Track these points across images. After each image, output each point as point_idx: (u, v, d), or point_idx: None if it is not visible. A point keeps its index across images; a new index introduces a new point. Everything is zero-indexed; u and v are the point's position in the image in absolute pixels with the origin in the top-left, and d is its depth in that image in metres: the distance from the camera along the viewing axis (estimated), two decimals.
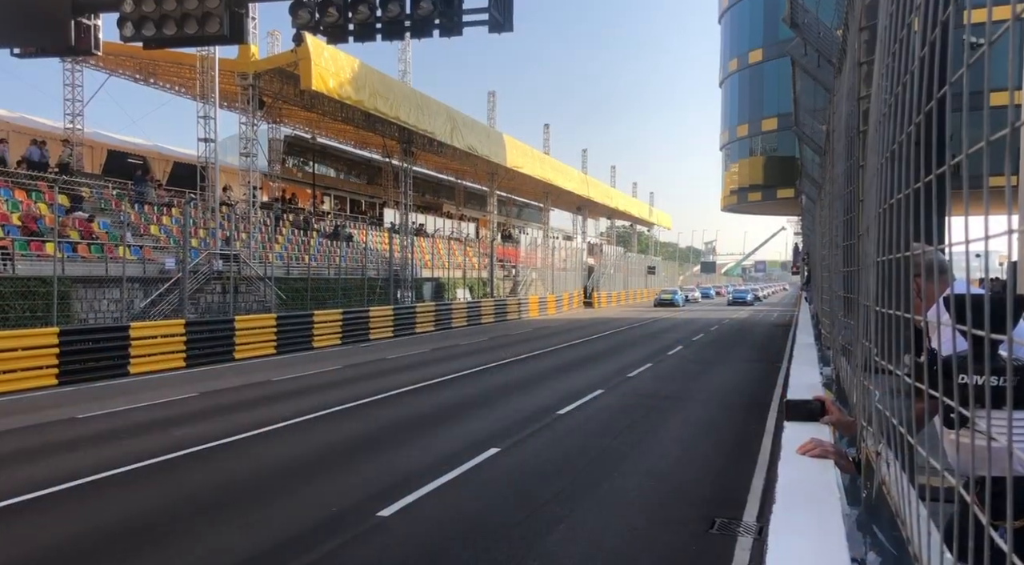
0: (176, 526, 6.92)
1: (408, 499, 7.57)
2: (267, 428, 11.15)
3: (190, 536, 6.65)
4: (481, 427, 11.44)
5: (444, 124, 33.21)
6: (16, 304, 16.81)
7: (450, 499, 7.81)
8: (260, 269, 25.71)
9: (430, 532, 6.81)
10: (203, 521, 7.04)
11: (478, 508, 7.57)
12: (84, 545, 6.45)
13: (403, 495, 7.66)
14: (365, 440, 10.63)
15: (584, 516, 7.35)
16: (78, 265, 20.06)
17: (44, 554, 6.27)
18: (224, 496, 7.88)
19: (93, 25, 10.99)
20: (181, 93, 31.37)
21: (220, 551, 6.28)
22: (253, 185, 27.13)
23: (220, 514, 7.26)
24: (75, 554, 6.25)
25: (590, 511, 7.53)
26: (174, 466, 9.09)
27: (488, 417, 12.32)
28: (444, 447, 10.12)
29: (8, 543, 6.51)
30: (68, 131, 27.46)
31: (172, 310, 20.78)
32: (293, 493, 7.94)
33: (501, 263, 45.73)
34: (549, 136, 53.48)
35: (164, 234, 25.27)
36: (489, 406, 13.33)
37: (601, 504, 7.77)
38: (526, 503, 7.73)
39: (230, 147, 30.82)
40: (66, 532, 6.79)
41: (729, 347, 25.46)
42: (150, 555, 6.22)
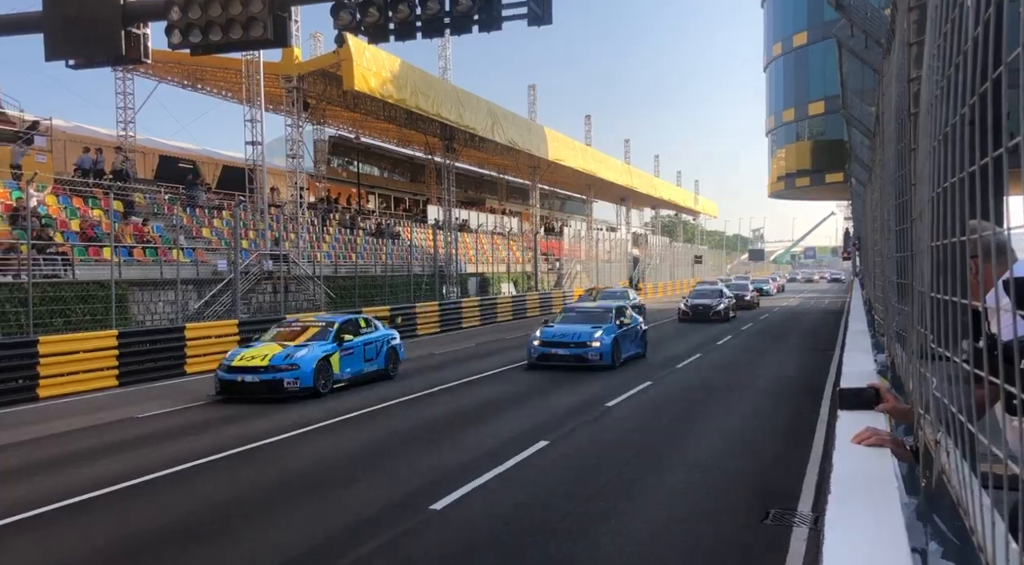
0: (229, 522, 7.09)
1: (459, 492, 7.64)
2: (322, 423, 11.35)
3: (243, 531, 6.81)
4: (529, 420, 11.47)
5: (485, 119, 33.26)
6: (77, 308, 17.35)
7: (500, 492, 7.86)
8: (309, 268, 26.11)
9: (481, 525, 6.87)
10: (260, 515, 7.20)
11: (527, 501, 7.61)
12: (156, 536, 6.66)
13: (454, 488, 7.73)
14: (416, 434, 10.75)
15: (633, 508, 7.34)
16: (134, 269, 20.63)
17: (112, 547, 6.49)
18: (280, 490, 8.05)
19: (142, 34, 11.26)
20: (228, 97, 31.99)
21: (279, 544, 6.42)
22: (300, 186, 27.55)
23: (277, 507, 7.41)
24: (141, 546, 6.45)
25: (639, 503, 7.51)
26: (231, 461, 9.31)
27: (535, 410, 12.34)
28: (493, 440, 10.18)
29: (79, 538, 6.75)
30: (121, 138, 28.22)
31: (225, 310, 21.23)
32: (348, 486, 8.07)
33: (545, 256, 45.69)
34: (591, 127, 53.21)
35: (215, 236, 25.83)
36: (536, 399, 13.36)
37: (651, 496, 7.74)
38: (574, 496, 7.74)
39: (277, 149, 31.32)
40: (136, 526, 7.01)
41: (779, 336, 25.06)
42: (214, 547, 6.39)
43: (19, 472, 9.01)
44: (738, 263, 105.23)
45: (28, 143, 22.59)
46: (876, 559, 1.74)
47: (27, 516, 7.19)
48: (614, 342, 16.83)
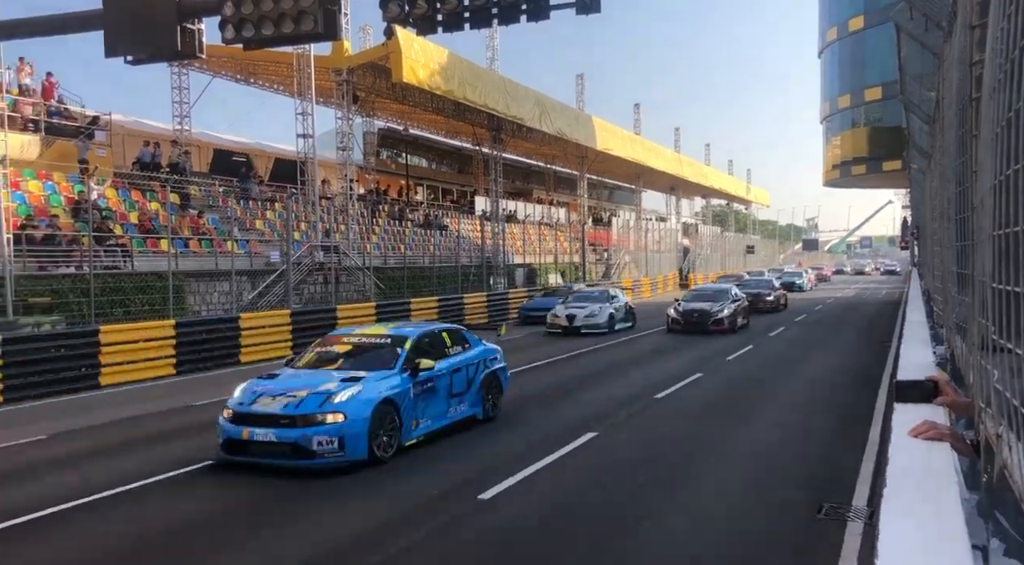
0: (285, 506, 7.25)
1: (508, 482, 7.69)
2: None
3: (294, 514, 6.95)
4: (577, 411, 11.47)
5: (532, 109, 33.18)
6: (136, 298, 17.87)
7: (549, 482, 7.88)
8: (359, 259, 26.44)
9: (530, 515, 6.90)
10: (309, 501, 7.34)
11: (577, 491, 7.61)
12: (210, 520, 6.86)
13: (503, 478, 7.77)
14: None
15: (685, 500, 7.29)
16: (190, 260, 21.15)
17: (175, 529, 6.71)
18: (333, 477, 8.19)
19: (197, 29, 11.50)
20: (280, 91, 32.51)
21: (332, 528, 6.55)
22: (350, 178, 27.89)
23: (332, 492, 7.54)
24: (205, 525, 6.65)
25: (691, 496, 7.45)
26: None
27: (584, 401, 12.33)
28: (541, 431, 10.20)
29: (146, 518, 6.99)
30: (177, 132, 28.92)
31: (278, 301, 21.63)
32: (397, 475, 8.18)
33: (593, 247, 45.48)
34: (639, 116, 52.70)
35: (268, 228, 26.32)
36: (585, 390, 13.33)
37: (702, 489, 7.68)
38: (625, 487, 7.72)
39: (327, 142, 31.71)
40: (197, 509, 7.23)
41: (835, 327, 24.55)
42: (273, 527, 6.54)
43: (89, 455, 9.35)
44: (791, 253, 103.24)
45: (89, 138, 23.28)
46: (934, 555, 1.70)
47: (102, 496, 7.46)
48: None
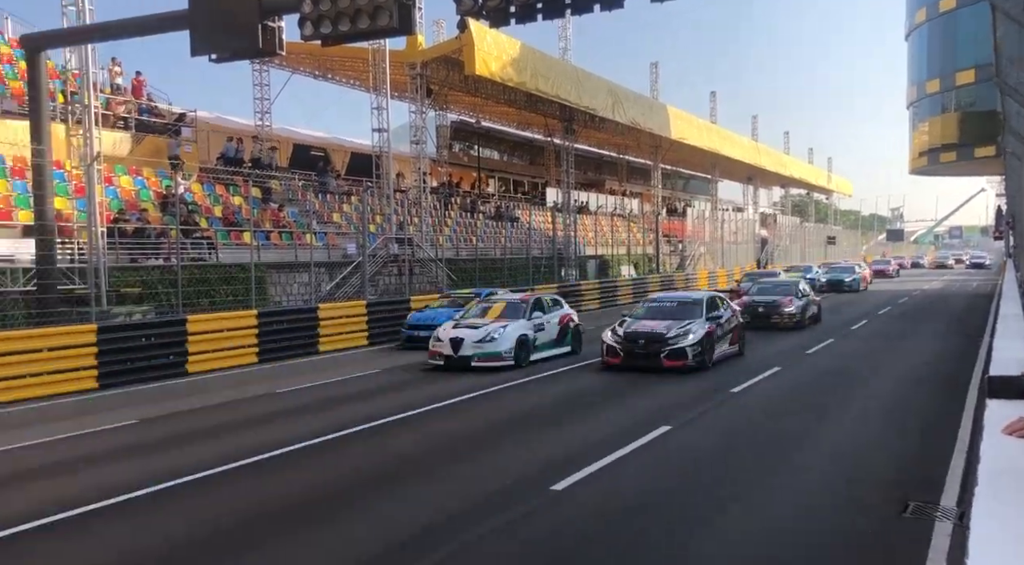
0: (353, 493, 7.40)
1: (581, 474, 7.66)
2: (443, 403, 11.63)
3: (365, 507, 7.08)
4: (652, 404, 11.35)
5: (605, 99, 32.87)
6: (220, 289, 18.54)
7: (622, 475, 7.83)
8: (431, 251, 26.77)
9: (603, 507, 6.87)
10: (381, 490, 7.47)
11: (650, 485, 7.53)
12: (301, 500, 7.08)
13: (576, 470, 7.75)
14: (538, 415, 10.86)
15: (761, 497, 7.13)
16: (271, 252, 21.81)
17: (257, 511, 6.95)
18: (403, 467, 8.33)
19: (277, 27, 11.83)
20: (356, 86, 33.11)
21: (404, 518, 6.66)
22: (423, 171, 28.22)
23: (401, 482, 7.67)
24: (289, 509, 6.86)
25: (767, 492, 7.28)
26: (354, 438, 9.71)
27: (659, 394, 12.19)
28: (615, 424, 10.13)
29: (234, 500, 7.26)
30: (258, 128, 29.80)
31: (354, 292, 22.10)
32: (472, 464, 8.25)
33: (667, 238, 44.82)
34: (716, 104, 51.53)
35: (345, 221, 26.91)
36: (660, 383, 13.17)
37: (780, 485, 7.50)
38: (698, 482, 7.61)
39: (402, 135, 32.14)
40: (287, 489, 7.47)
41: (921, 320, 23.59)
42: (355, 510, 6.70)
43: (176, 440, 9.76)
44: (875, 244, 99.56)
45: (176, 134, 24.23)
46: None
47: (200, 476, 7.79)
48: None
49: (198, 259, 19.41)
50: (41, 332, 13.16)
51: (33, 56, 15.17)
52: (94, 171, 16.41)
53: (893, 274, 52.72)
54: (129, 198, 20.62)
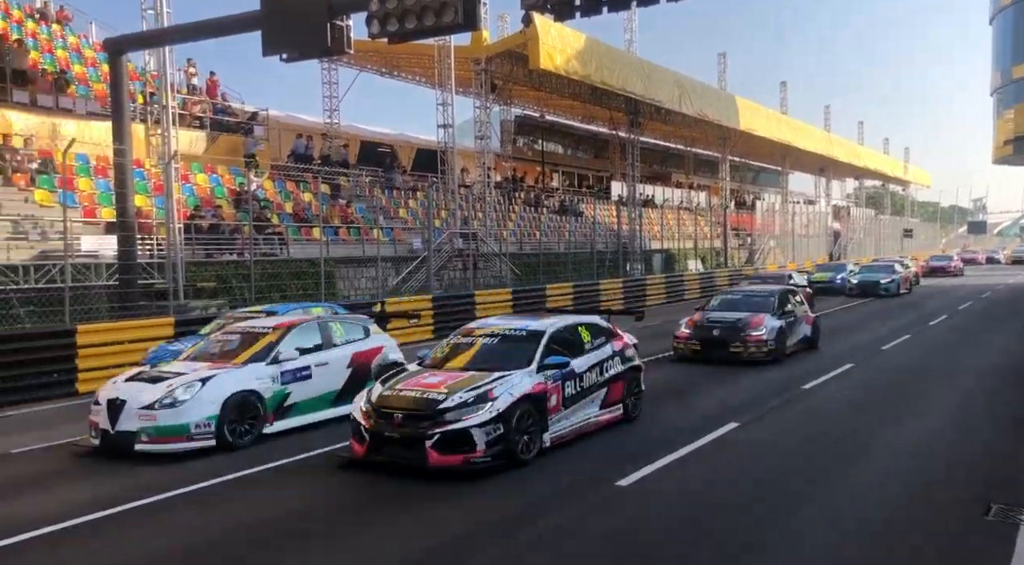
0: (410, 494, 7.47)
1: (647, 470, 7.58)
2: None
3: (442, 498, 7.14)
4: (720, 400, 11.15)
5: (672, 91, 32.40)
6: (291, 283, 19.00)
7: (688, 472, 7.71)
8: (495, 246, 26.87)
9: (668, 504, 6.79)
10: (447, 487, 7.53)
11: (718, 483, 7.41)
12: (369, 498, 7.19)
13: (642, 466, 7.67)
14: None
15: (833, 496, 6.93)
16: (340, 247, 22.23)
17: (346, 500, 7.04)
18: None
19: (345, 26, 12.03)
20: (421, 82, 33.46)
21: (474, 511, 6.70)
22: (487, 166, 28.34)
23: (470, 478, 7.70)
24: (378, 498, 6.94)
25: (840, 491, 7.08)
26: None
27: (727, 390, 11.97)
28: (682, 419, 10.00)
29: (316, 487, 7.41)
30: (327, 125, 30.41)
31: (420, 286, 22.36)
32: (540, 457, 8.24)
33: (735, 231, 43.97)
34: (786, 94, 50.24)
35: (411, 216, 27.23)
36: (728, 379, 12.94)
37: (853, 484, 7.28)
38: (768, 480, 7.44)
39: (466, 131, 32.36)
40: (363, 481, 7.58)
41: (1004, 316, 22.56)
42: (425, 509, 6.78)
43: None
44: (956, 236, 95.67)
45: (249, 133, 24.91)
46: None
47: (272, 466, 7.97)
48: None
49: (270, 254, 19.92)
50: (123, 325, 13.70)
51: (115, 59, 15.77)
52: (172, 169, 17.00)
53: (955, 271, 45.08)
54: (204, 195, 21.30)
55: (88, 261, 15.99)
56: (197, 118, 23.17)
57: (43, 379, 12.14)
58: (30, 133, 18.77)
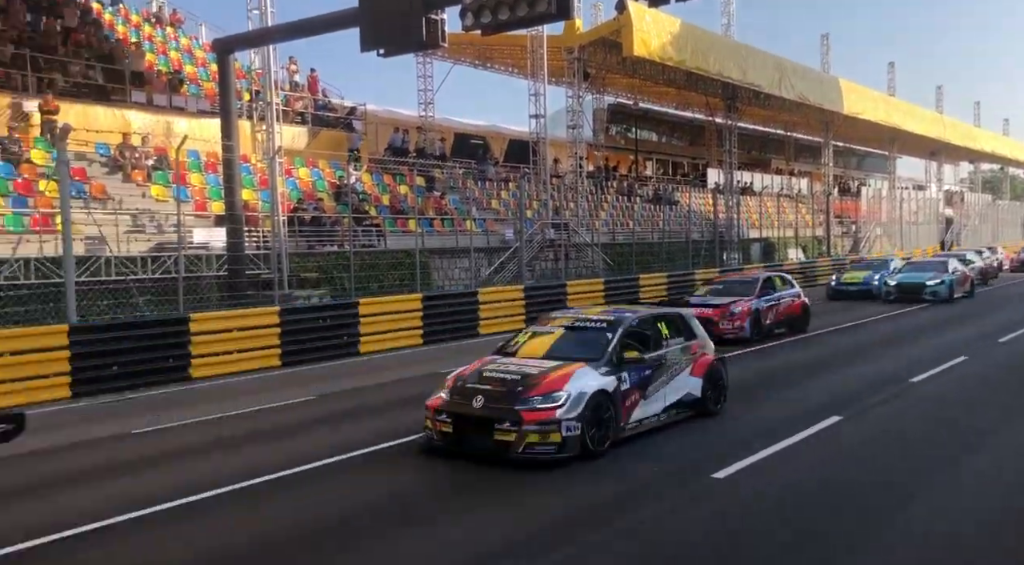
0: (499, 481, 7.54)
1: (744, 463, 7.42)
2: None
3: (531, 486, 7.18)
4: (821, 393, 10.79)
5: (771, 75, 31.36)
6: (388, 274, 19.48)
7: (788, 466, 7.51)
8: (587, 236, 26.73)
9: (766, 498, 6.62)
10: (538, 474, 7.57)
11: (817, 477, 7.18)
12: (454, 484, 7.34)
13: (739, 459, 7.52)
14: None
15: (942, 494, 6.62)
16: (434, 238, 22.62)
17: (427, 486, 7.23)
18: None
19: (440, 19, 12.19)
20: (514, 73, 33.57)
21: (570, 498, 6.72)
22: (579, 156, 28.21)
23: (562, 467, 7.73)
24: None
25: (950, 489, 6.75)
26: None
27: (831, 382, 11.57)
28: (780, 412, 9.73)
29: (401, 473, 7.63)
30: (422, 118, 30.93)
31: (512, 277, 22.50)
32: (632, 446, 8.19)
33: (839, 219, 42.27)
34: (894, 75, 47.78)
35: (503, 207, 27.41)
36: (832, 370, 12.50)
37: (965, 482, 6.94)
38: (871, 476, 7.16)
39: (559, 120, 32.26)
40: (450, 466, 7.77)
41: None
42: (542, 488, 6.86)
43: (349, 415, 10.39)
44: None
45: (348, 128, 25.61)
46: None
47: (363, 452, 8.26)
48: None
49: (368, 245, 20.46)
50: (232, 313, 14.38)
51: (223, 58, 16.53)
52: (276, 164, 17.68)
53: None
54: (307, 189, 22.05)
55: (200, 252, 16.83)
56: (299, 114, 23.99)
57: (159, 364, 12.88)
58: (147, 131, 19.87)
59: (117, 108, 19.97)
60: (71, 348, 11.77)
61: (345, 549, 5.72)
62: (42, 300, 13.03)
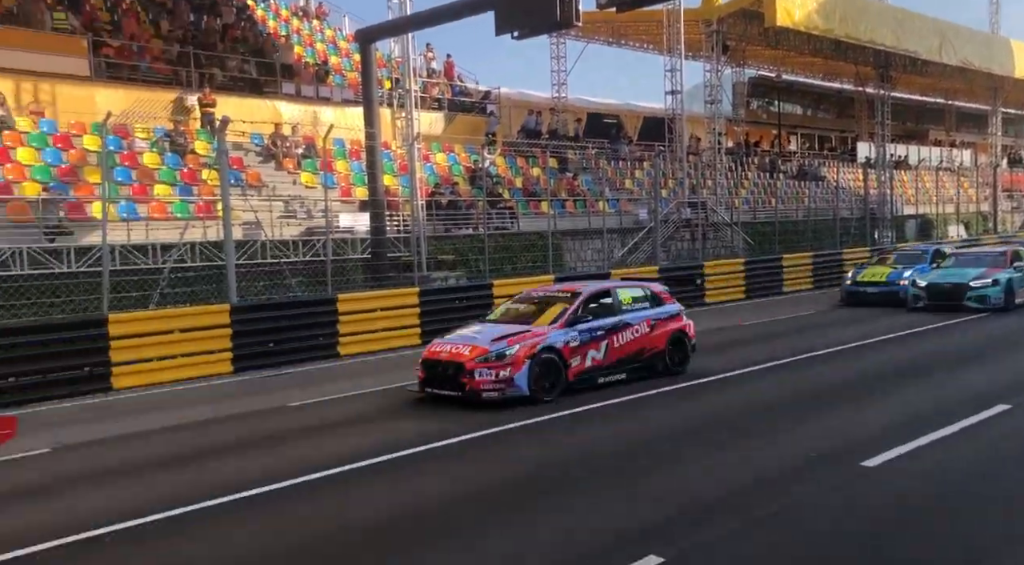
0: (623, 466, 7.46)
1: (898, 450, 6.98)
2: (732, 372, 11.23)
3: (647, 470, 7.08)
4: (986, 380, 10.00)
5: (930, 39, 29.09)
6: (521, 256, 19.70)
7: (944, 456, 7.01)
8: (726, 215, 25.91)
9: (920, 489, 6.22)
10: (676, 452, 7.45)
11: (977, 469, 6.67)
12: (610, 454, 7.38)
13: (892, 446, 7.09)
14: (848, 387, 10.09)
15: None
16: (566, 220, 22.62)
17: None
18: (695, 432, 8.23)
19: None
20: (649, 50, 32.89)
21: (722, 477, 6.59)
22: (718, 132, 27.34)
23: (692, 447, 7.58)
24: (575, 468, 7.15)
25: None
26: (646, 402, 9.81)
27: (996, 369, 10.70)
28: (940, 399, 9.12)
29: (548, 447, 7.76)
30: (554, 100, 30.91)
31: (646, 258, 22.17)
32: (776, 432, 7.92)
33: (1007, 193, 38.84)
34: None
35: (637, 187, 27.01)
36: (998, 356, 11.56)
37: None
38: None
39: (695, 96, 31.35)
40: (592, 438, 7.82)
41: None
42: (649, 476, 6.82)
43: None
44: None
45: (483, 112, 26.00)
46: None
47: None
48: None
49: (501, 228, 20.75)
50: (375, 294, 15.02)
51: (365, 48, 17.17)
52: (414, 150, 18.23)
53: None
54: (443, 173, 22.61)
55: (345, 236, 17.65)
56: (436, 100, 24.58)
57: (310, 342, 13.65)
58: (296, 121, 20.99)
59: (269, 99, 21.23)
60: (232, 326, 12.68)
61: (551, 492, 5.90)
62: (206, 281, 14.10)
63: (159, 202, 16.52)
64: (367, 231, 17.25)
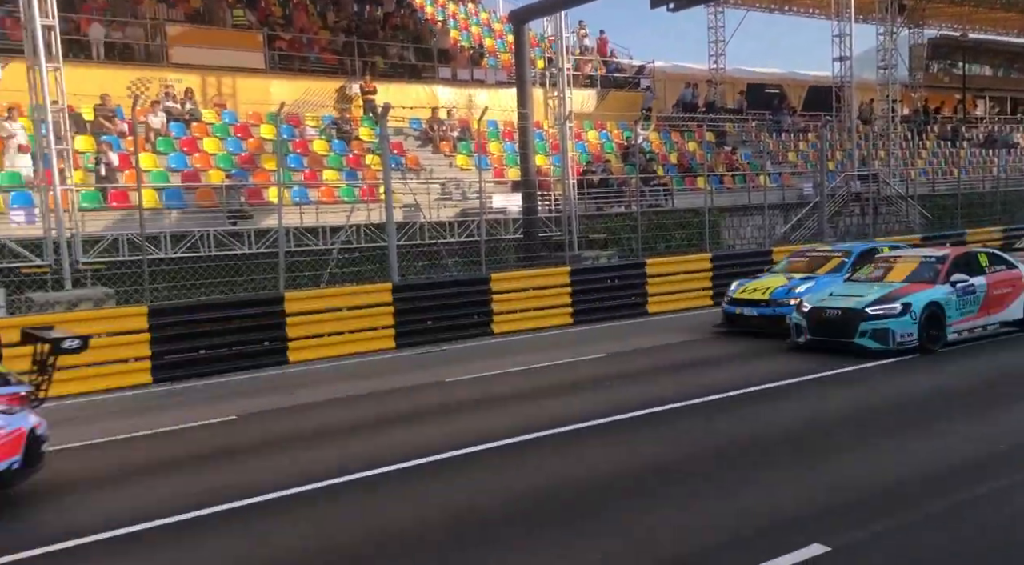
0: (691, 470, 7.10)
1: None
2: (870, 364, 10.40)
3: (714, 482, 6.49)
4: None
5: None
6: (676, 234, 19.28)
7: None
8: (901, 187, 24.11)
9: None
10: (752, 463, 7.04)
11: None
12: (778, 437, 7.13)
13: None
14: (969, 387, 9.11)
15: None
16: (724, 196, 21.87)
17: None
18: (789, 438, 7.76)
19: None
20: (815, 15, 31.02)
21: (931, 453, 6.24)
22: (892, 98, 25.40)
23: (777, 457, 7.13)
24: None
25: None
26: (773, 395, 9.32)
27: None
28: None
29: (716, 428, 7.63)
30: (712, 71, 29.85)
31: (811, 234, 21.06)
32: (952, 417, 7.37)
33: None
34: None
35: (801, 160, 25.65)
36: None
37: None
38: None
39: (866, 62, 29.23)
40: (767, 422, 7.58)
41: None
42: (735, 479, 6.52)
43: (637, 374, 10.54)
44: None
45: (636, 86, 25.55)
46: None
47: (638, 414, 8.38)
48: None
49: (655, 205, 20.39)
50: (527, 273, 15.23)
51: (518, 28, 17.31)
52: (566, 129, 18.23)
53: None
54: (595, 151, 22.47)
55: (498, 217, 17.99)
56: (588, 77, 24.40)
57: (465, 320, 14.07)
58: (452, 105, 21.54)
59: (426, 84, 21.90)
60: (394, 304, 13.30)
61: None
62: (370, 262, 14.85)
63: (327, 187, 17.52)
64: (519, 211, 17.49)
